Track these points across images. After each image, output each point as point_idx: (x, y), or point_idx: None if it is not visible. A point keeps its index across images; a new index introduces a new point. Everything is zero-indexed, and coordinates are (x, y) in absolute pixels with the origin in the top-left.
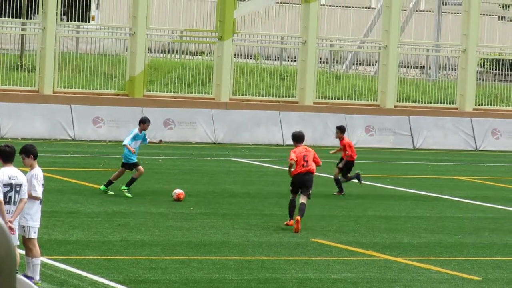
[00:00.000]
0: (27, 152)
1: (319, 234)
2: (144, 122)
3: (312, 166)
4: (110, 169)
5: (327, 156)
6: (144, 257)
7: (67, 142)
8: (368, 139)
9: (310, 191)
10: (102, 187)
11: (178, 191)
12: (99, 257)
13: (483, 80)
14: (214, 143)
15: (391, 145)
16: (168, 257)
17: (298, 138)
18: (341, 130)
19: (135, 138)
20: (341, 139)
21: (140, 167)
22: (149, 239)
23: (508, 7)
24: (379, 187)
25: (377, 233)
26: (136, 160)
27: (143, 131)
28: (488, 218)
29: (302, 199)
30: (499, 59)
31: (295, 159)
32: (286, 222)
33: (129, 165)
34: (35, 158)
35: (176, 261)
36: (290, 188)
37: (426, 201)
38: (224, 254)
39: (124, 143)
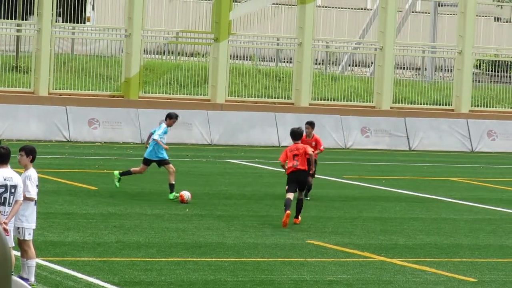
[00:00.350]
0: (29, 152)
1: (314, 235)
2: (171, 117)
3: (304, 164)
4: (105, 170)
5: (325, 158)
6: (139, 259)
7: (63, 144)
8: (363, 140)
9: (307, 186)
10: (170, 195)
11: (185, 195)
12: (94, 259)
13: (479, 81)
14: (210, 144)
15: (387, 146)
16: (163, 259)
17: (294, 135)
18: (311, 125)
19: (165, 132)
20: (311, 135)
21: (171, 165)
22: (144, 241)
23: (502, 7)
24: (375, 188)
25: (373, 234)
26: (166, 157)
27: (169, 127)
28: (483, 220)
29: (299, 195)
30: (495, 61)
31: (282, 161)
32: (284, 217)
33: (158, 162)
34: (32, 161)
35: (172, 263)
36: (286, 187)
37: (421, 203)
38: (220, 256)
39: (155, 137)
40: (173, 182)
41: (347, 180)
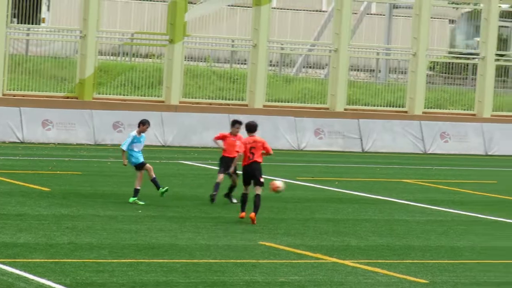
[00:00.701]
0: None
1: (267, 237)
2: (143, 124)
3: (259, 157)
4: (58, 172)
5: (278, 159)
6: (91, 260)
7: (16, 145)
8: (317, 142)
9: (262, 179)
10: (131, 199)
11: (277, 185)
12: (46, 260)
13: (432, 83)
14: (163, 146)
15: (340, 148)
16: (115, 260)
17: (249, 128)
18: (241, 124)
19: (133, 141)
20: (237, 134)
21: (147, 165)
22: (96, 242)
23: (457, 9)
24: (328, 190)
25: (325, 236)
26: (142, 160)
27: (142, 133)
28: (435, 221)
29: (256, 190)
30: (449, 63)
31: (242, 152)
32: (239, 215)
33: (137, 166)
34: None
35: (124, 264)
36: (243, 180)
37: (374, 204)
38: (172, 257)
39: (122, 147)
40: (139, 187)
41: (300, 181)
